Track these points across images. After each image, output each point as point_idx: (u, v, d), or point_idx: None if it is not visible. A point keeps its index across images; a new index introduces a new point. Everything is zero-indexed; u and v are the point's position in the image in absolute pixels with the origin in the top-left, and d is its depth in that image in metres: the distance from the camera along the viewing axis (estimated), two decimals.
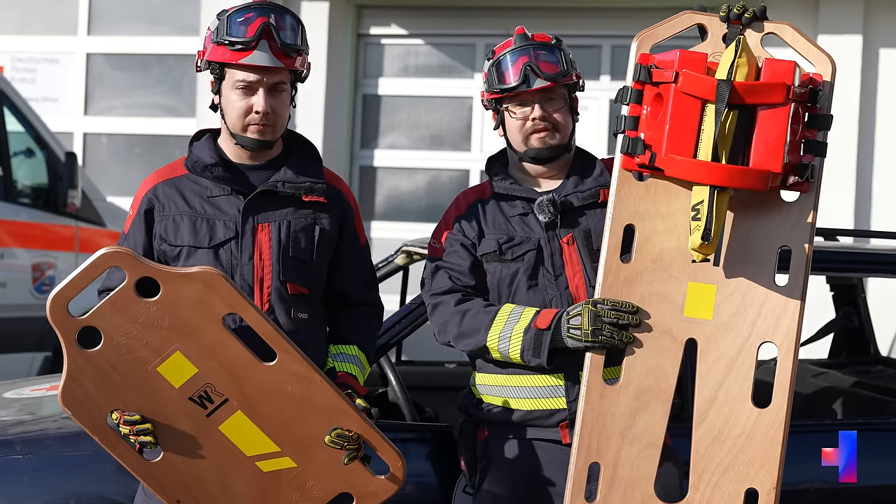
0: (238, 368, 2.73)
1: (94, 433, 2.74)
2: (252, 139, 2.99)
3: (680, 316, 2.85)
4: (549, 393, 3.10)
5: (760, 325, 2.82)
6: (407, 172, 9.60)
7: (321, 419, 2.77)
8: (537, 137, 3.15)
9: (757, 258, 2.84)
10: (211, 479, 2.78)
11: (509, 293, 3.15)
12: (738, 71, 2.69)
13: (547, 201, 3.12)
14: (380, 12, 9.50)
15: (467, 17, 9.41)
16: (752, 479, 2.79)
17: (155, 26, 9.93)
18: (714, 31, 2.85)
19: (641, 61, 2.84)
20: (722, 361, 2.83)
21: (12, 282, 7.17)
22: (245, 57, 2.92)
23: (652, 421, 2.85)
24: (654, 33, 2.89)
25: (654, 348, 2.86)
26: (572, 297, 3.09)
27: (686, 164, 2.72)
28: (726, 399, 2.82)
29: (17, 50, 10.01)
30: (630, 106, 2.86)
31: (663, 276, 2.87)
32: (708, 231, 2.68)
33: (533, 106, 3.14)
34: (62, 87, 9.95)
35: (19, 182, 7.44)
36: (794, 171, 2.80)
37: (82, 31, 10.00)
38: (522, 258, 3.13)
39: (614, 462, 2.85)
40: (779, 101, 2.71)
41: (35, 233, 7.31)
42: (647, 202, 2.89)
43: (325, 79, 9.01)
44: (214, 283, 2.70)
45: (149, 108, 9.88)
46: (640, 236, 2.89)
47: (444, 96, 9.52)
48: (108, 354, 2.69)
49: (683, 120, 2.72)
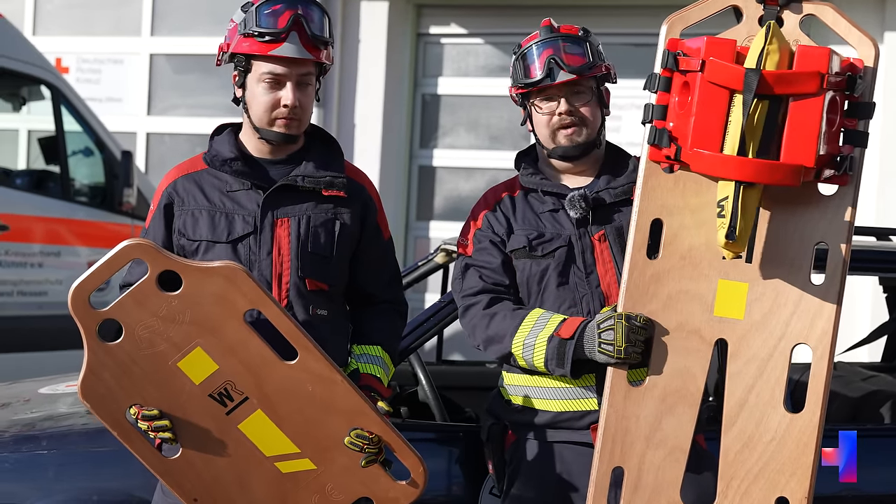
0: (259, 366, 2.69)
1: (113, 428, 2.72)
2: (278, 133, 2.95)
3: (709, 315, 2.73)
4: (581, 394, 3.02)
5: (794, 325, 2.69)
6: (466, 172, 9.55)
7: (342, 421, 2.72)
8: (565, 134, 3.07)
9: (792, 255, 2.70)
10: (229, 479, 2.74)
11: (539, 290, 3.07)
12: (768, 59, 2.54)
13: (578, 197, 3.04)
14: (439, 11, 9.46)
15: (526, 17, 9.32)
16: (782, 488, 2.67)
17: (217, 27, 9.93)
18: (750, 13, 2.71)
19: (670, 47, 2.71)
20: (753, 363, 2.71)
21: (70, 280, 7.20)
22: (275, 49, 2.88)
23: (678, 424, 2.74)
24: (685, 16, 2.75)
25: (682, 349, 2.75)
26: (603, 295, 3.01)
27: (712, 159, 2.58)
28: (757, 403, 2.70)
29: (82, 51, 10.13)
30: (658, 94, 2.73)
31: (692, 273, 2.75)
32: (733, 229, 2.56)
33: (559, 100, 3.06)
34: (126, 88, 10.05)
35: (77, 181, 7.54)
36: (830, 164, 2.64)
37: (146, 32, 10.10)
38: (553, 255, 3.05)
39: (638, 467, 2.75)
40: (812, 90, 2.54)
41: (92, 231, 7.40)
42: (675, 195, 2.77)
43: (385, 78, 8.99)
44: (237, 278, 2.66)
45: (210, 108, 9.94)
46: (668, 231, 2.77)
47: (503, 96, 9.39)
48: (129, 348, 2.67)
49: (710, 111, 2.58)
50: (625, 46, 8.87)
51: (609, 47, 3.30)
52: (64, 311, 7.86)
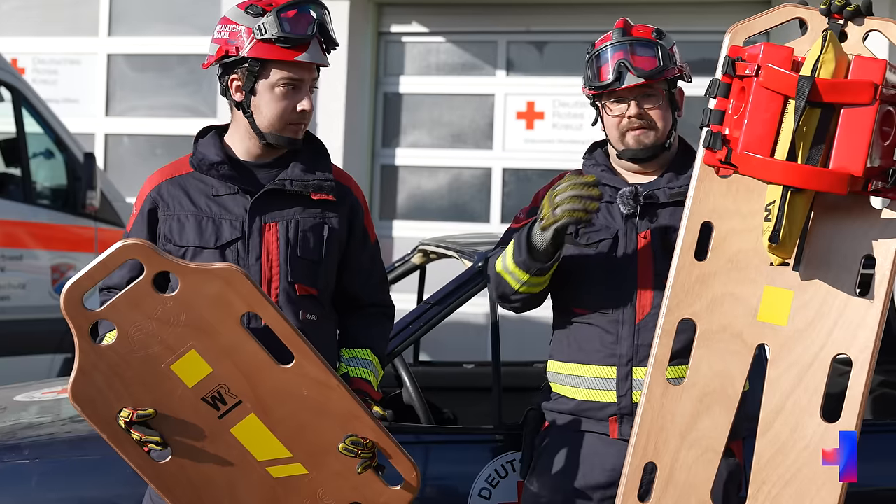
0: (254, 370, 2.66)
1: (103, 431, 2.67)
2: (288, 138, 2.94)
3: (753, 320, 2.75)
4: (601, 385, 3.08)
5: (836, 335, 2.68)
6: (428, 171, 9.54)
7: (336, 426, 2.70)
8: (633, 136, 3.10)
9: (839, 265, 2.71)
10: (220, 483, 2.71)
11: (578, 278, 3.11)
12: (822, 67, 2.56)
13: (629, 193, 3.09)
14: (400, 10, 9.44)
15: (488, 15, 9.34)
16: (812, 497, 2.65)
17: (176, 27, 9.90)
18: (814, 25, 2.72)
19: (731, 54, 2.73)
20: (793, 370, 2.71)
21: (32, 283, 7.17)
22: (300, 55, 2.86)
23: (714, 425, 2.75)
24: (749, 25, 2.77)
25: (724, 351, 2.76)
26: (637, 292, 3.05)
27: (760, 162, 2.60)
28: (794, 410, 2.69)
29: (38, 51, 10.01)
30: (717, 99, 2.75)
31: (739, 277, 2.77)
32: (777, 233, 2.58)
33: (629, 103, 3.08)
34: (83, 89, 9.94)
35: (39, 183, 7.45)
36: (879, 177, 2.65)
37: (103, 32, 9.99)
38: (597, 245, 3.10)
39: (671, 464, 2.76)
40: (865, 101, 2.55)
41: (54, 234, 7.31)
42: (727, 200, 2.79)
43: (346, 77, 8.96)
44: (235, 280, 2.63)
45: (170, 108, 9.86)
46: (717, 234, 2.80)
47: (465, 94, 9.46)
48: (122, 350, 2.62)
49: (763, 116, 2.60)
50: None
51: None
52: (25, 316, 7.76)
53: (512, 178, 9.32)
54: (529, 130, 9.31)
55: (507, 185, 9.32)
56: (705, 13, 8.84)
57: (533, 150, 9.22)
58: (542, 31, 9.28)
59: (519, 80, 9.32)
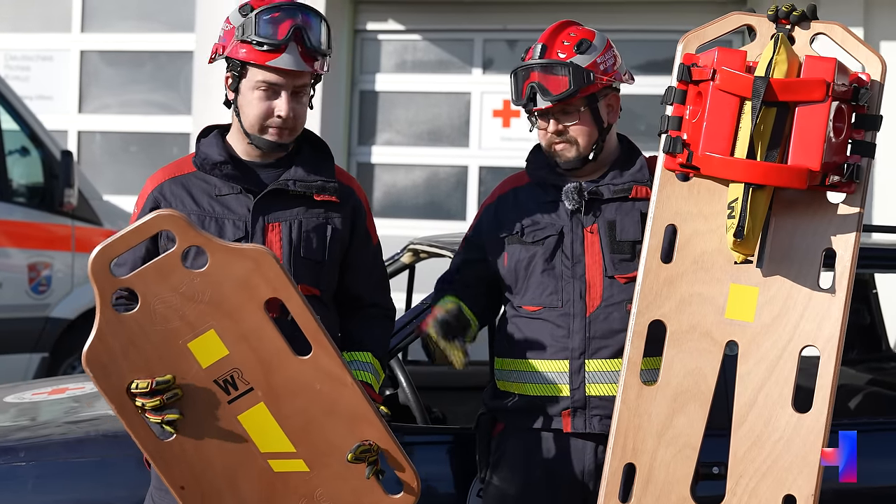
0: (270, 357, 2.64)
1: (111, 399, 2.63)
2: (269, 141, 2.92)
3: (721, 318, 2.83)
4: (553, 379, 3.11)
5: (803, 328, 2.77)
6: (405, 169, 9.54)
7: (344, 426, 2.67)
8: (556, 150, 3.17)
9: (801, 260, 2.80)
10: (219, 469, 2.68)
11: (525, 275, 3.17)
12: (776, 68, 2.68)
13: (573, 189, 3.14)
14: (376, 7, 9.43)
15: (464, 13, 9.35)
16: (790, 486, 2.73)
17: (149, 23, 9.84)
18: (763, 31, 2.84)
19: (685, 61, 2.84)
20: (762, 364, 2.79)
21: (8, 282, 7.09)
22: (273, 59, 2.84)
23: (690, 422, 2.82)
24: (701, 34, 2.89)
25: (694, 350, 2.84)
26: (586, 285, 3.10)
27: (722, 161, 2.70)
28: (766, 403, 2.77)
29: (10, 48, 9.92)
30: (674, 106, 2.85)
31: (705, 277, 2.85)
32: (741, 229, 2.66)
33: (549, 120, 3.14)
34: (56, 85, 9.86)
35: (14, 181, 7.35)
36: (836, 171, 2.75)
37: (76, 28, 9.91)
38: (542, 242, 3.16)
39: (650, 463, 2.83)
40: (818, 98, 2.67)
41: (31, 232, 7.22)
42: (689, 203, 2.88)
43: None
44: (264, 262, 2.61)
45: (144, 105, 9.79)
46: (681, 237, 2.88)
47: (441, 92, 9.46)
48: (142, 320, 2.60)
49: (720, 117, 2.71)
50: None
51: None
52: (2, 315, 7.65)
53: (488, 175, 9.33)
54: (506, 128, 9.33)
55: (484, 182, 9.33)
56: (674, 12, 8.88)
57: (509, 147, 9.23)
58: (519, 30, 9.30)
59: (495, 78, 9.33)
